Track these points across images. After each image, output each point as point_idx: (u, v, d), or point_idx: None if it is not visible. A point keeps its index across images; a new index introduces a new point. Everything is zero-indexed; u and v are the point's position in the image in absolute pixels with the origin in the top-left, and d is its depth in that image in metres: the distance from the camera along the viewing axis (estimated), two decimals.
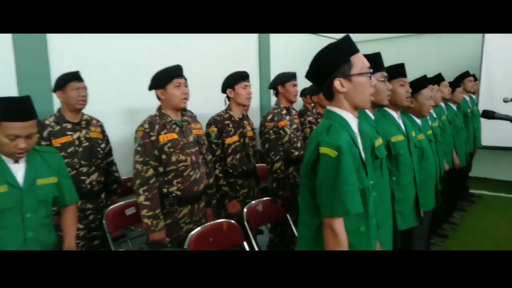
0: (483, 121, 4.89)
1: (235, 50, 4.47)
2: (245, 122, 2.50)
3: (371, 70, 1.26)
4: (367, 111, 1.68)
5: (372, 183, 1.56)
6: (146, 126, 1.91)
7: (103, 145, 2.41)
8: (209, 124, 2.41)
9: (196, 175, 2.01)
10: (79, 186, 2.22)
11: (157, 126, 1.93)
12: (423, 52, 6.11)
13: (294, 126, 2.73)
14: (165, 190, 1.94)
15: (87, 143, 2.28)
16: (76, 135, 2.25)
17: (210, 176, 2.24)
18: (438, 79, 3.59)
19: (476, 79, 4.68)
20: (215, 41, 4.13)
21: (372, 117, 1.69)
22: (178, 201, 1.96)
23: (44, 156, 1.65)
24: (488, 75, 5.09)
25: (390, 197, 1.73)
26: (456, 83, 3.99)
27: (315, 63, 1.27)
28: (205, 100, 3.32)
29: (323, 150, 1.15)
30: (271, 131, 2.57)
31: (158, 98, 2.01)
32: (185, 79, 2.02)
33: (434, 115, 3.17)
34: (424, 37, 6.05)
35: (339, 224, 1.16)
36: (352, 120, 1.27)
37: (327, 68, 1.24)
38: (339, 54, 1.23)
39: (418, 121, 2.39)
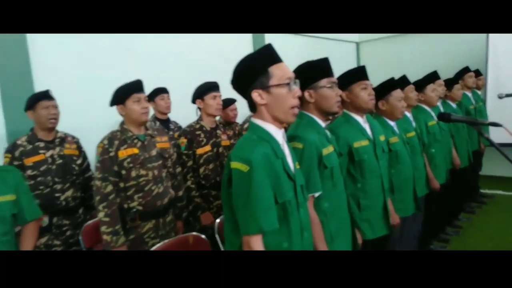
0: (493, 117, 4.67)
1: (228, 53, 4.42)
2: (219, 131, 2.48)
3: (294, 81, 1.21)
4: (316, 118, 1.62)
5: (319, 194, 1.52)
6: (105, 142, 1.93)
7: (79, 161, 2.45)
8: (179, 135, 2.41)
9: (158, 190, 2.00)
10: (54, 203, 2.28)
11: (116, 142, 1.94)
12: (428, 49, 5.92)
13: None
14: (126, 206, 1.94)
15: (60, 161, 2.32)
16: (49, 153, 2.29)
17: (179, 189, 2.23)
18: (433, 77, 3.45)
19: (480, 74, 4.47)
20: (206, 43, 4.10)
21: (323, 124, 1.63)
22: (140, 216, 1.96)
23: (1, 175, 1.69)
24: (495, 69, 4.85)
25: (346, 206, 1.66)
26: (455, 79, 3.82)
27: (234, 74, 1.24)
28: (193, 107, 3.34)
29: (234, 164, 1.12)
30: None
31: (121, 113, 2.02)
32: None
33: (432, 114, 3.05)
34: (429, 35, 5.85)
35: (256, 242, 1.11)
36: (275, 132, 1.23)
37: (245, 79, 1.21)
38: (256, 65, 1.20)
39: (392, 123, 2.29)
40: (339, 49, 6.45)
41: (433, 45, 5.87)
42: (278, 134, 1.24)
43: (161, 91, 3.09)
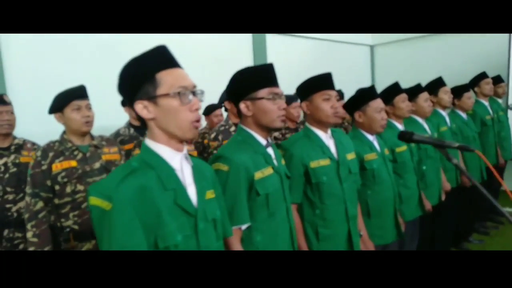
0: None
1: (225, 53, 4.16)
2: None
3: (191, 91, 0.98)
4: (255, 134, 1.38)
5: (248, 226, 1.29)
6: (39, 154, 1.77)
7: None
8: (134, 147, 2.21)
9: None
10: (4, 214, 2.15)
11: (51, 154, 1.77)
12: (447, 52, 5.47)
13: None
14: (59, 225, 1.77)
15: (15, 169, 2.19)
16: (2, 161, 2.17)
17: None
18: (437, 84, 3.11)
19: (501, 80, 4.03)
20: (201, 44, 3.87)
21: (263, 141, 1.39)
22: (76, 236, 1.78)
23: None
24: None
25: (288, 239, 1.41)
26: (466, 86, 3.42)
27: (119, 78, 1.02)
28: None
29: (93, 200, 0.90)
30: (214, 151, 2.32)
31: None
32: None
33: (425, 126, 2.72)
34: (447, 36, 5.42)
35: None
36: (171, 155, 1.00)
37: (129, 87, 0.99)
38: (141, 69, 0.97)
39: (371, 137, 2.01)
40: (352, 53, 6.10)
41: (452, 48, 5.42)
42: (174, 157, 1.01)
43: None
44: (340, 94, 4.01)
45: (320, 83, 1.63)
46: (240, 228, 1.27)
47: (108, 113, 2.83)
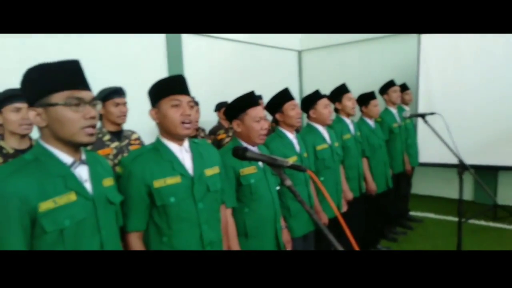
0: (424, 136, 4.32)
1: (137, 54, 3.77)
2: None
3: None
4: (55, 151, 1.06)
5: None
6: None
7: None
8: None
9: None
10: None
11: None
12: (368, 59, 5.58)
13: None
14: None
15: None
16: None
17: None
18: (341, 91, 3.02)
19: (407, 88, 4.12)
20: (106, 45, 3.45)
21: (68, 160, 1.08)
22: None
23: None
24: (426, 83, 4.51)
25: None
26: (373, 94, 3.38)
27: None
28: None
29: None
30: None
31: None
32: None
33: (325, 135, 2.58)
34: (366, 44, 5.53)
35: None
36: None
37: None
38: None
39: (252, 149, 1.81)
40: (280, 58, 6.01)
41: (374, 54, 5.53)
42: None
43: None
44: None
45: (168, 87, 1.38)
46: None
47: None
